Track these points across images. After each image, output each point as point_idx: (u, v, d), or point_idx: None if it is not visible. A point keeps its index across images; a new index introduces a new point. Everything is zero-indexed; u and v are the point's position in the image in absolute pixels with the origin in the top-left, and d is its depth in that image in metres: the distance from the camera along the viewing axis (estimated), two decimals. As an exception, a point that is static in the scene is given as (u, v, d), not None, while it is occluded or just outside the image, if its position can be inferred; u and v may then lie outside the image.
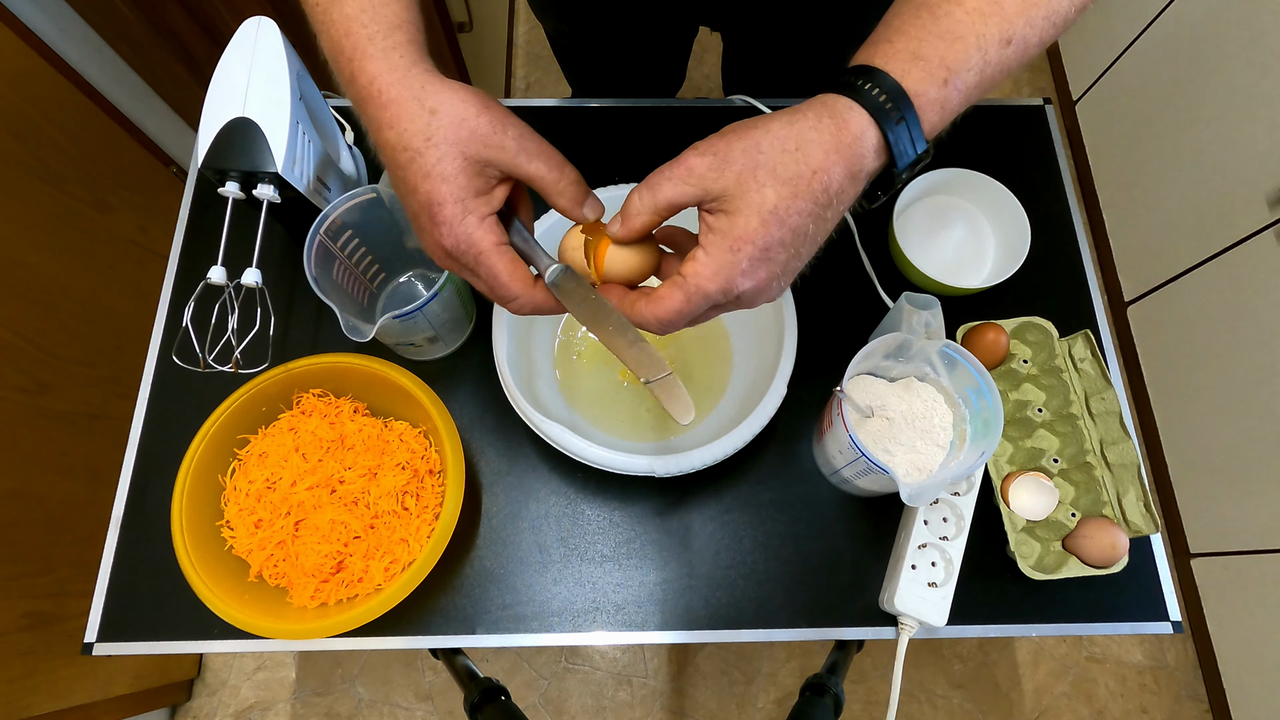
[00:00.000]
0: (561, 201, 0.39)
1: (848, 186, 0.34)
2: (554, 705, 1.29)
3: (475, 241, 0.37)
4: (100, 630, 0.56)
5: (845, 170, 0.34)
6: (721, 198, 0.34)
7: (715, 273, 0.34)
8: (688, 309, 0.35)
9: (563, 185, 0.38)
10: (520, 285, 0.38)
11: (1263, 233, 1.11)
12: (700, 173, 0.34)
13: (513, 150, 0.37)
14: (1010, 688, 1.31)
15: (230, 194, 0.51)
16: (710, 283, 0.34)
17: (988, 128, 0.73)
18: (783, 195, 0.33)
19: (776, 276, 0.35)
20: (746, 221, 0.33)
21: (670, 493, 0.59)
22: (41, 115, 0.93)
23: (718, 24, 0.77)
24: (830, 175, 0.33)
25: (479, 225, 0.37)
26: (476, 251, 0.38)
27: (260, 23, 0.53)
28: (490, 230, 0.38)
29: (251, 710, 1.28)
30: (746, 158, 0.33)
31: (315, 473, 0.54)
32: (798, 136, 0.33)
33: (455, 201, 0.37)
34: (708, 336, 0.64)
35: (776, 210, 0.33)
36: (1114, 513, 0.56)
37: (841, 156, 0.33)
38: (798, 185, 0.33)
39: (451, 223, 0.37)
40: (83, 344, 0.99)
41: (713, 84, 1.71)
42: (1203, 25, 1.23)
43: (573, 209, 0.39)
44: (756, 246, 0.33)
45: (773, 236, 0.33)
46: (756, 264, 0.34)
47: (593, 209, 0.40)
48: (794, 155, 0.33)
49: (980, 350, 0.59)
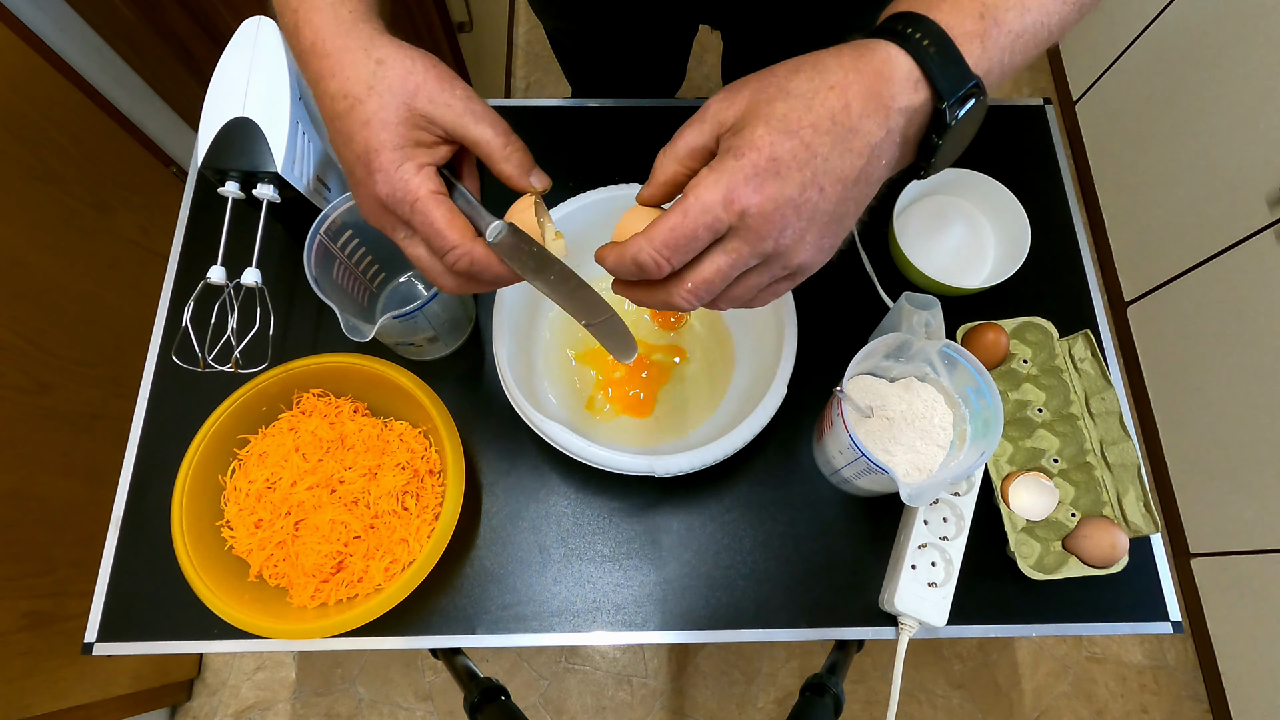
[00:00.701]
0: (507, 168, 0.37)
1: (873, 115, 0.31)
2: (554, 705, 1.29)
3: (412, 188, 0.35)
4: (100, 630, 0.56)
5: (866, 90, 0.31)
6: (732, 126, 0.32)
7: (716, 179, 0.31)
8: (685, 224, 0.31)
9: (509, 151, 0.37)
10: (458, 235, 0.36)
11: (1263, 233, 1.11)
12: (713, 109, 0.33)
13: (459, 110, 0.36)
14: (1010, 688, 1.31)
15: (230, 194, 0.51)
16: (710, 190, 0.30)
17: (988, 128, 0.72)
18: (793, 107, 0.30)
19: (791, 203, 0.31)
20: (752, 130, 0.31)
21: (671, 493, 0.59)
22: (41, 115, 0.93)
23: (718, 22, 0.76)
24: (849, 93, 0.30)
25: (416, 173, 0.35)
26: (413, 199, 0.35)
27: (260, 23, 0.53)
28: (429, 179, 0.36)
29: (251, 710, 1.28)
30: (758, 83, 0.32)
31: (315, 473, 0.54)
32: (813, 61, 0.32)
33: (394, 149, 0.35)
34: (709, 337, 0.64)
35: (785, 118, 0.30)
36: (1114, 513, 0.56)
37: (861, 75, 0.31)
38: (810, 99, 0.30)
39: (388, 169, 0.35)
40: (83, 344, 0.99)
41: (713, 84, 1.72)
42: (1203, 25, 1.23)
43: (518, 176, 0.37)
44: (762, 154, 0.30)
45: (781, 146, 0.30)
46: (763, 175, 0.30)
47: (539, 179, 0.38)
48: (807, 74, 0.31)
49: (980, 350, 0.59)
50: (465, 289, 0.39)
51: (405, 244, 0.38)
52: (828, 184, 0.31)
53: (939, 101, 0.31)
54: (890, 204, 0.64)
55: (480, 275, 0.37)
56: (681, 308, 0.34)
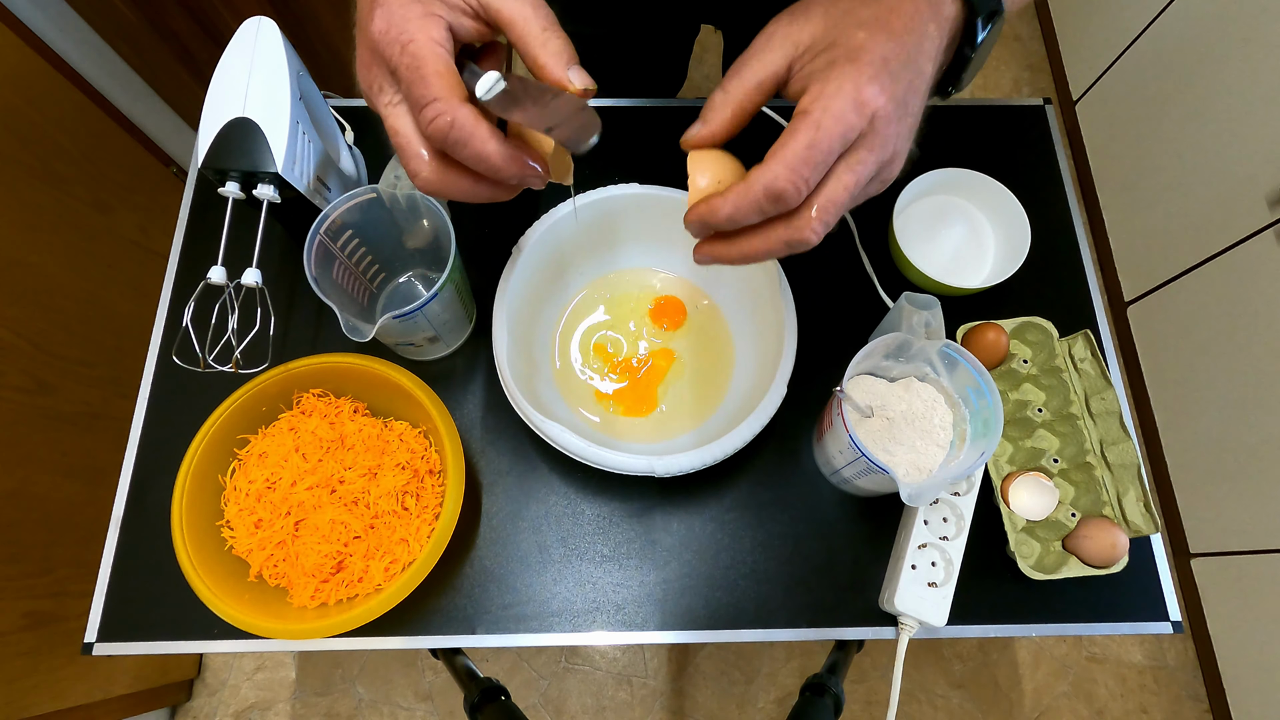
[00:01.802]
0: (543, 54, 0.31)
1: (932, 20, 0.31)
2: (554, 705, 1.29)
3: (410, 29, 0.30)
4: (100, 630, 0.56)
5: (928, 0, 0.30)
6: (813, 44, 0.30)
7: (840, 85, 0.29)
8: (821, 137, 0.28)
9: (547, 36, 0.31)
10: (444, 88, 0.30)
11: (1263, 233, 1.11)
12: (783, 31, 0.31)
13: None
14: (1010, 688, 1.31)
15: (230, 194, 0.51)
16: (837, 97, 0.28)
17: (988, 128, 0.73)
18: (877, 12, 0.30)
19: (902, 102, 0.30)
20: (852, 37, 0.29)
21: (671, 493, 0.59)
22: (41, 115, 0.93)
23: (720, 22, 0.76)
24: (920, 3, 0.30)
25: (422, 17, 0.30)
26: (407, 39, 0.30)
27: (260, 23, 0.53)
28: (434, 27, 0.31)
29: (251, 710, 1.28)
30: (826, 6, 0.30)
31: (315, 473, 0.54)
32: None
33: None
34: (709, 337, 0.64)
35: (879, 21, 0.29)
36: (1114, 513, 0.56)
37: None
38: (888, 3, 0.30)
39: (390, 5, 0.30)
40: (83, 344, 1.00)
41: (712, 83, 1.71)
42: (1203, 25, 1.23)
43: (555, 65, 0.32)
44: (874, 54, 0.29)
45: (885, 47, 0.29)
46: (882, 75, 0.29)
47: (580, 76, 0.32)
48: None
49: (980, 350, 0.59)
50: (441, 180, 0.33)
51: (388, 113, 0.32)
52: (919, 82, 0.31)
53: (971, 15, 0.32)
54: (890, 204, 0.64)
55: (459, 148, 0.31)
56: (809, 243, 0.32)
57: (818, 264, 0.66)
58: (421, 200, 0.54)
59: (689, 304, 0.65)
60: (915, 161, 0.35)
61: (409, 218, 0.56)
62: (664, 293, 0.65)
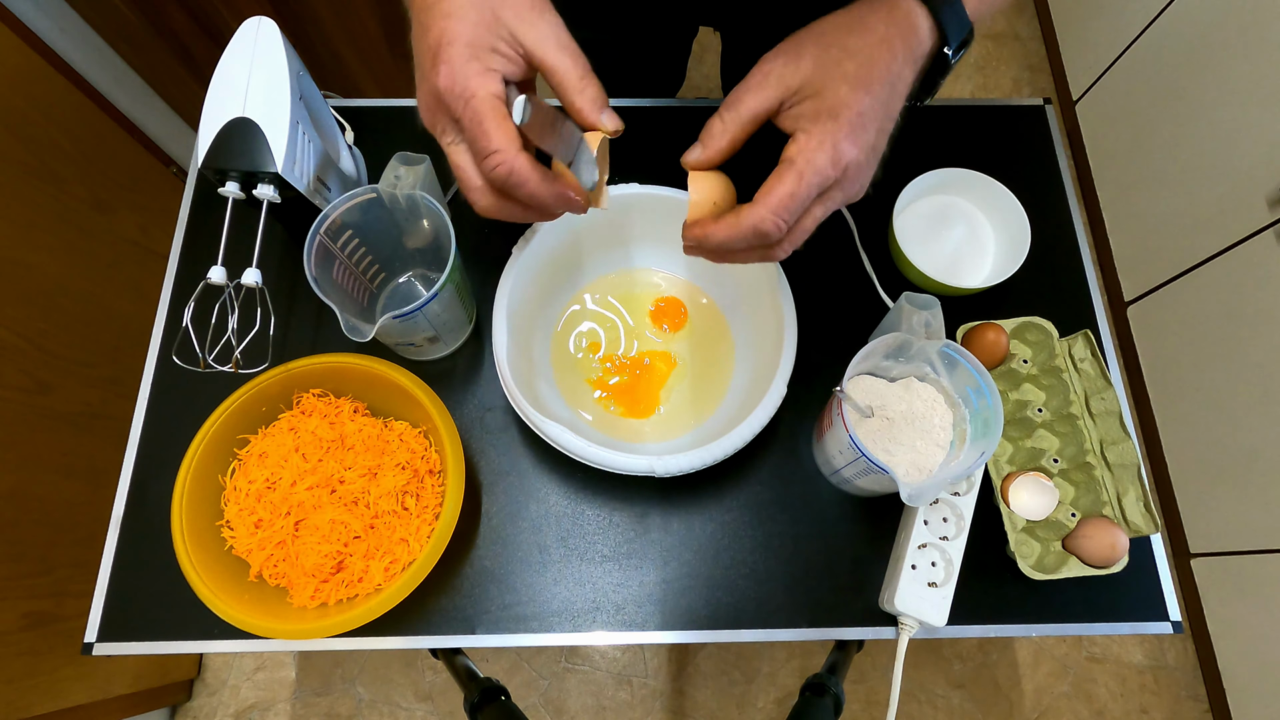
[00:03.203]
0: (580, 100, 0.37)
1: (907, 63, 0.36)
2: (554, 705, 1.29)
3: (472, 85, 0.35)
4: (100, 630, 0.56)
5: (904, 44, 0.36)
6: (802, 88, 0.35)
7: (820, 141, 0.34)
8: (801, 188, 0.34)
9: (584, 84, 0.37)
10: (503, 139, 0.35)
11: (1263, 233, 1.11)
12: (778, 72, 0.35)
13: (543, 32, 0.36)
14: (1010, 688, 1.31)
15: (230, 194, 0.51)
16: (819, 152, 0.34)
17: (988, 128, 0.73)
18: (860, 65, 0.35)
19: (871, 148, 0.36)
20: (836, 91, 0.34)
21: (670, 493, 0.59)
22: (41, 115, 0.93)
23: (719, 24, 0.76)
24: (894, 47, 0.35)
25: (481, 73, 0.35)
26: (469, 94, 0.35)
27: (260, 23, 0.53)
28: (492, 81, 0.35)
29: (251, 710, 1.28)
30: (817, 45, 0.35)
31: (315, 473, 0.54)
32: (857, 17, 0.36)
33: (466, 45, 0.35)
34: (709, 337, 0.64)
35: (860, 77, 0.34)
36: (1114, 513, 0.56)
37: (899, 29, 0.36)
38: (871, 54, 0.35)
39: (454, 61, 0.35)
40: (83, 344, 1.00)
41: (712, 84, 1.72)
42: (1203, 25, 1.23)
43: (590, 110, 0.37)
44: (852, 110, 0.34)
45: (863, 103, 0.34)
46: (856, 129, 0.34)
47: (611, 119, 0.38)
48: (859, 33, 0.35)
49: (980, 350, 0.59)
50: (498, 210, 0.39)
51: (450, 150, 0.38)
52: (887, 125, 0.36)
53: (944, 45, 0.37)
54: (890, 204, 0.64)
55: (516, 189, 0.36)
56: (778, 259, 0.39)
57: (818, 264, 0.66)
58: (421, 200, 0.54)
59: (689, 304, 0.65)
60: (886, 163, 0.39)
61: (409, 218, 0.56)
62: (664, 292, 0.65)
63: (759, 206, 0.35)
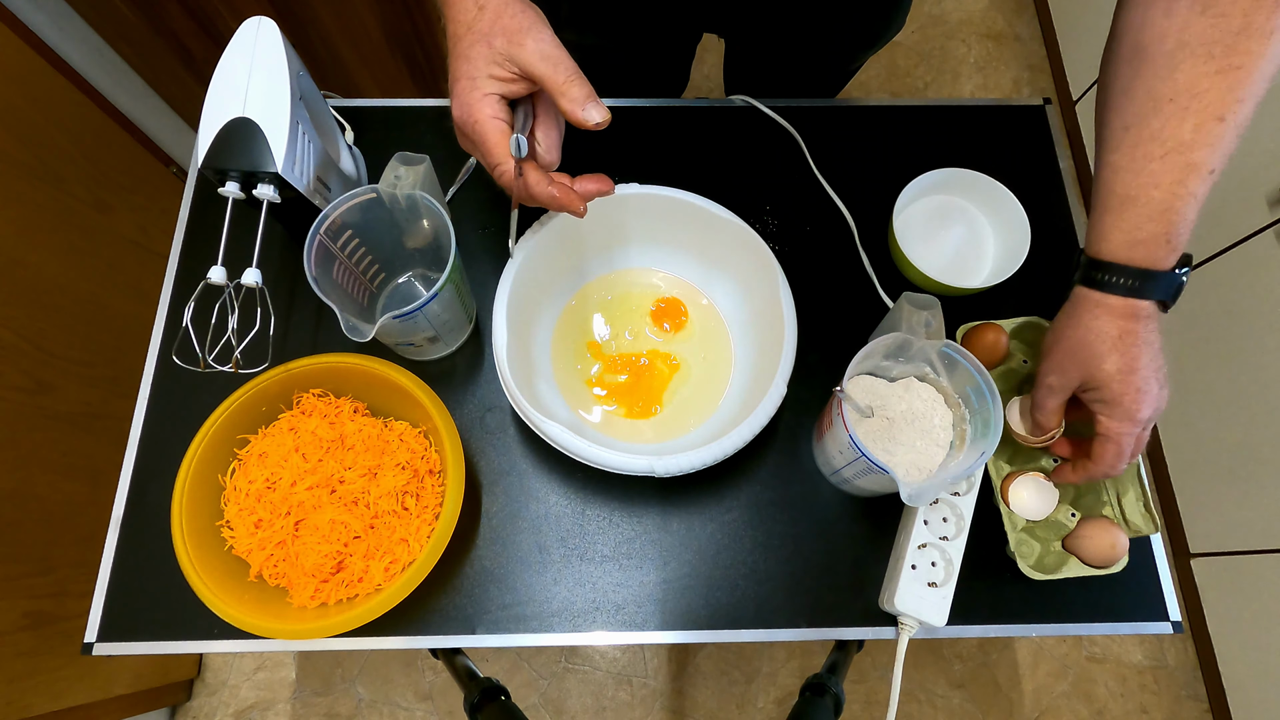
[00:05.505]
0: (564, 101, 0.42)
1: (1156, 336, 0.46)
2: (554, 705, 1.29)
3: (473, 112, 0.43)
4: (100, 630, 0.56)
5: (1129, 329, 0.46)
6: (1083, 385, 0.48)
7: (1120, 424, 0.47)
8: (1124, 451, 0.48)
9: (566, 85, 0.42)
10: (503, 154, 0.44)
11: (1263, 233, 1.11)
12: (1060, 383, 0.49)
13: (530, 50, 0.42)
14: (1010, 688, 1.31)
15: (230, 194, 0.51)
16: (1125, 425, 0.47)
17: (988, 128, 0.73)
18: (1114, 361, 0.46)
19: (1160, 393, 0.46)
20: (1109, 383, 0.46)
21: (670, 493, 0.59)
22: (41, 115, 0.93)
23: (723, 30, 0.77)
24: (1126, 341, 0.46)
25: (481, 99, 0.43)
26: (474, 120, 0.43)
27: (260, 23, 0.53)
28: (490, 104, 0.43)
29: (251, 710, 1.28)
30: (1075, 358, 0.47)
31: (315, 473, 0.54)
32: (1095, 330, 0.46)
33: (468, 78, 0.43)
34: (709, 337, 0.64)
35: (1121, 369, 0.46)
36: (1114, 513, 0.56)
37: (1121, 324, 0.46)
38: (1120, 344, 0.45)
39: (460, 95, 0.43)
40: (83, 344, 0.99)
41: (713, 84, 1.72)
42: (1203, 25, 1.23)
43: (573, 108, 0.42)
44: (1130, 387, 0.46)
45: (1132, 383, 0.46)
46: (1140, 398, 0.46)
47: (597, 111, 0.43)
48: (1097, 334, 0.46)
49: (980, 350, 0.59)
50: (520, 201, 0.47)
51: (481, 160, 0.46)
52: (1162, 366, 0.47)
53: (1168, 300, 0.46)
54: (890, 204, 0.64)
55: (515, 193, 0.46)
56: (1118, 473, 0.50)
57: (818, 264, 0.67)
58: (421, 200, 0.54)
59: (689, 304, 0.65)
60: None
61: (409, 218, 0.56)
62: (664, 292, 0.65)
63: (1095, 462, 0.49)
